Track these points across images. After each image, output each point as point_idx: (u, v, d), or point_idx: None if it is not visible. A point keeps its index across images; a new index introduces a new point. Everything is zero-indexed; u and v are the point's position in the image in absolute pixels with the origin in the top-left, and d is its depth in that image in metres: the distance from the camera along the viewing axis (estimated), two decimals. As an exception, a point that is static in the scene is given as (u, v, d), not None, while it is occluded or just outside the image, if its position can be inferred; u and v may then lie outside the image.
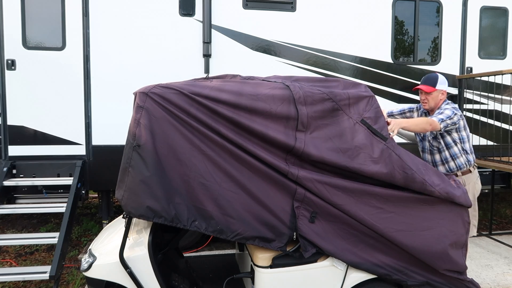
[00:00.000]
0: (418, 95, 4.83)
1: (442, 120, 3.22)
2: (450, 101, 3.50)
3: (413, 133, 3.79)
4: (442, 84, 3.44)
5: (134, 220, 3.06)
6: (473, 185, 3.46)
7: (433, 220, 2.84)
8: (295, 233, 2.69)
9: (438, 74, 3.52)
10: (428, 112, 3.60)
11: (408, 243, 2.78)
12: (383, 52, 5.18)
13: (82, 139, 4.59)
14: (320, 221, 2.72)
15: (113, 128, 4.63)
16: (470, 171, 3.47)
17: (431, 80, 3.44)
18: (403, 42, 5.27)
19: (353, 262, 2.76)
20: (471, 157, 3.47)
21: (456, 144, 3.41)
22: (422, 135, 3.63)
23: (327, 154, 2.63)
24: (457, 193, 2.85)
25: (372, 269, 2.80)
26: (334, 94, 2.69)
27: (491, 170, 5.34)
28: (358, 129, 2.70)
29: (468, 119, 5.42)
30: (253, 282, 2.81)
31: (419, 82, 5.25)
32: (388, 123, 2.92)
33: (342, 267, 2.80)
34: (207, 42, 4.71)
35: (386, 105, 5.16)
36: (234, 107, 2.56)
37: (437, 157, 3.52)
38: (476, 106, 5.41)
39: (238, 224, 2.61)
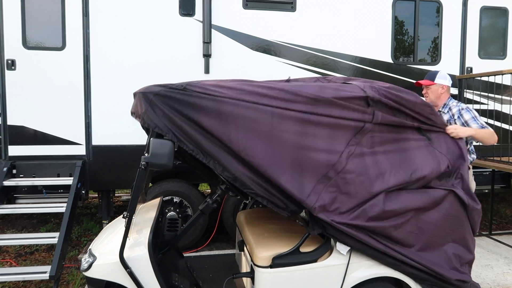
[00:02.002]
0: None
1: (483, 126, 3.38)
2: (456, 100, 3.63)
3: None
4: (442, 79, 3.60)
5: (134, 220, 3.06)
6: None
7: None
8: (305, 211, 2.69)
9: (440, 70, 3.65)
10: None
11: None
12: (383, 52, 5.18)
13: (82, 139, 4.59)
14: (340, 210, 2.70)
15: (113, 128, 4.63)
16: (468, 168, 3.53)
17: (431, 74, 3.65)
18: (403, 42, 5.27)
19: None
20: (473, 156, 3.59)
21: (466, 144, 3.51)
22: None
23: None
24: None
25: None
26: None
27: (491, 170, 5.34)
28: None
29: (468, 119, 5.41)
30: (253, 282, 2.82)
31: (419, 82, 5.28)
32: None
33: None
34: (207, 42, 4.71)
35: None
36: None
37: None
38: (476, 106, 5.41)
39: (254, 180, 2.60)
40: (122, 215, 2.72)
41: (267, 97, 2.61)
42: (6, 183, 4.26)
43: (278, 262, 2.75)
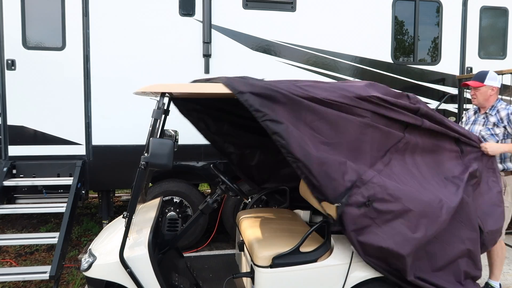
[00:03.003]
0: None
1: None
2: (504, 102, 3.54)
3: None
4: (492, 80, 3.46)
5: (134, 220, 3.06)
6: None
7: None
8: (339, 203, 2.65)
9: (490, 70, 3.52)
10: (479, 109, 3.65)
11: None
12: (383, 52, 5.18)
13: (82, 139, 4.59)
14: (371, 213, 2.69)
15: (113, 128, 4.63)
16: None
17: (480, 76, 3.51)
18: (403, 42, 5.27)
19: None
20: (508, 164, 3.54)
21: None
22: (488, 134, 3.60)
23: None
24: None
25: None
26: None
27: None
28: None
29: (468, 119, 5.42)
30: (253, 282, 2.82)
31: (419, 82, 5.28)
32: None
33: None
34: (207, 42, 4.71)
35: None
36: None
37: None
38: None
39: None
40: (122, 215, 2.72)
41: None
42: (6, 183, 4.26)
43: (278, 262, 2.75)
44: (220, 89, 2.60)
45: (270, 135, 2.53)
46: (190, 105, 3.66)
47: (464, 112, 3.89)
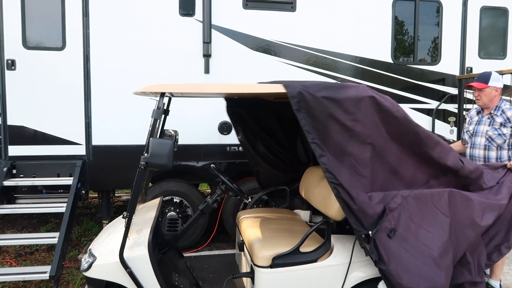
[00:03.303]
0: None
1: None
2: (507, 102, 3.53)
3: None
4: (495, 81, 3.47)
5: (134, 220, 3.06)
6: None
7: None
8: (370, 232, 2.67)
9: (493, 71, 3.53)
10: (482, 109, 3.65)
11: None
12: (383, 52, 5.18)
13: (82, 139, 4.59)
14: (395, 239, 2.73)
15: (113, 128, 4.63)
16: None
17: (484, 77, 3.51)
18: (403, 42, 5.27)
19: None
20: None
21: None
22: (495, 134, 3.59)
23: None
24: None
25: None
26: None
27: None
28: None
29: (468, 119, 5.42)
30: (253, 282, 2.82)
31: (419, 82, 5.27)
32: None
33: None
34: (207, 42, 4.71)
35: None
36: None
37: (505, 153, 3.56)
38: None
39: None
40: (122, 215, 2.72)
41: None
42: (6, 183, 4.26)
43: (278, 262, 2.75)
44: (267, 89, 2.65)
45: (317, 157, 2.60)
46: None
47: (465, 112, 3.88)
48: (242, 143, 4.04)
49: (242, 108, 3.86)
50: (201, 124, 4.81)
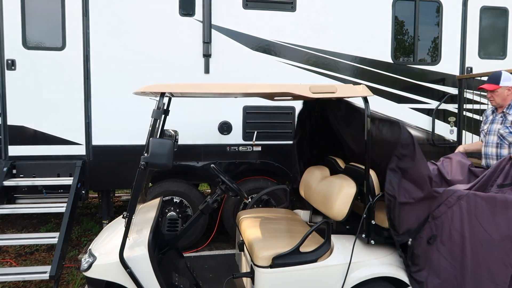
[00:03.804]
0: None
1: None
2: None
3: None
4: (506, 81, 3.48)
5: (134, 220, 3.06)
6: None
7: None
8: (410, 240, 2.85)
9: (503, 71, 3.54)
10: (496, 108, 3.65)
11: None
12: (383, 52, 5.18)
13: (82, 139, 4.59)
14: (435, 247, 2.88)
15: (113, 128, 4.63)
16: None
17: (495, 78, 3.52)
18: (403, 42, 5.27)
19: None
20: None
21: None
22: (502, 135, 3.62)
23: None
24: None
25: None
26: None
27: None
28: None
29: (468, 119, 5.42)
30: (253, 282, 2.81)
31: (419, 82, 5.28)
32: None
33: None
34: (207, 42, 4.71)
35: (386, 105, 5.17)
36: None
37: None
38: (476, 106, 5.41)
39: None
40: (122, 215, 2.72)
41: None
42: (6, 183, 4.26)
43: (278, 262, 2.75)
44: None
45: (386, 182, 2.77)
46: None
47: (483, 113, 3.92)
48: (299, 145, 3.99)
49: (316, 110, 3.84)
50: (201, 124, 4.81)
